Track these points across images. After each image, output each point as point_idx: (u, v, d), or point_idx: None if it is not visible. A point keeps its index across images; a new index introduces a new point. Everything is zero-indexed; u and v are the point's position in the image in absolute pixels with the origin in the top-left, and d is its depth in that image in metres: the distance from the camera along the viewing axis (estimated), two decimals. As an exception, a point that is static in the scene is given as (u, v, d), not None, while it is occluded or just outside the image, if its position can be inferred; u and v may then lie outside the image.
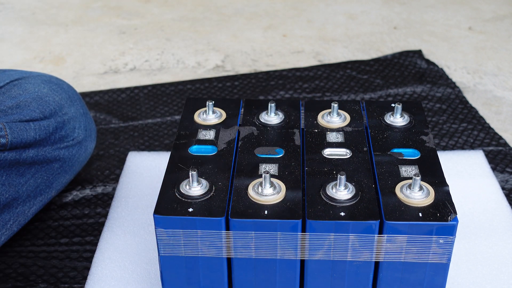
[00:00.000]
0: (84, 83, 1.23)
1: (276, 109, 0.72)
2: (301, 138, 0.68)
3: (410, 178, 0.61)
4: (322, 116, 0.71)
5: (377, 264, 0.59)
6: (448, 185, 0.60)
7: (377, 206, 0.58)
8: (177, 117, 1.08)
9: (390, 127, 0.69)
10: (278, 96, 1.16)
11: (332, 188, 0.59)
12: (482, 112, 1.10)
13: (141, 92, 1.17)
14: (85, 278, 0.76)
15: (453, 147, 1.00)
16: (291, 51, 1.35)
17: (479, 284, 0.73)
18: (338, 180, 0.59)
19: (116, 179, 0.93)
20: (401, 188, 0.60)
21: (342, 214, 0.57)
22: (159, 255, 0.60)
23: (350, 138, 0.67)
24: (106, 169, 0.96)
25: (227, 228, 0.58)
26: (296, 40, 1.40)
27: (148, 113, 1.11)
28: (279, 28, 1.46)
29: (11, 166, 0.77)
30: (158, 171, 0.93)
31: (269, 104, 0.71)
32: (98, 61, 1.32)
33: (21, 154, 0.78)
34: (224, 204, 0.58)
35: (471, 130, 1.04)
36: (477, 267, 0.75)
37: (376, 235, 0.57)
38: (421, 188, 0.59)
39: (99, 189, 0.92)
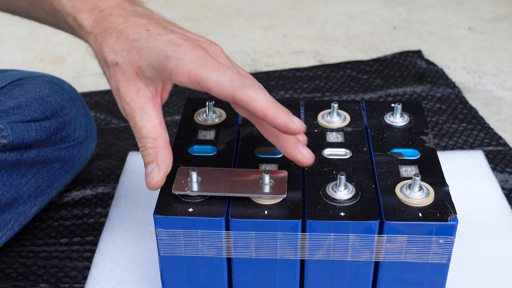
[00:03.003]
0: (84, 83, 1.23)
1: (276, 109, 0.72)
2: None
3: (410, 178, 0.61)
4: (322, 116, 0.71)
5: (377, 264, 0.59)
6: (448, 185, 0.60)
7: (377, 206, 0.58)
8: (177, 117, 1.08)
9: (390, 127, 0.69)
10: (278, 96, 1.16)
11: (332, 188, 0.59)
12: (482, 112, 1.10)
13: (141, 92, 1.17)
14: (85, 278, 0.76)
15: (453, 147, 1.00)
16: (291, 51, 1.35)
17: (479, 284, 0.73)
18: (338, 180, 0.59)
19: (116, 179, 0.93)
20: (401, 188, 0.60)
21: (342, 214, 0.57)
22: (159, 255, 0.60)
23: (350, 138, 0.68)
24: (106, 169, 0.96)
25: (227, 228, 0.58)
26: (296, 40, 1.40)
27: (148, 113, 1.10)
28: (279, 28, 1.46)
29: (12, 167, 0.77)
30: (158, 171, 0.93)
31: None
32: (98, 61, 1.32)
33: (22, 154, 0.78)
34: (224, 204, 0.58)
35: (471, 130, 1.04)
36: (477, 267, 0.75)
37: (376, 235, 0.57)
38: (421, 188, 0.59)
39: (99, 189, 0.92)
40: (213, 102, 0.71)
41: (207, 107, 0.71)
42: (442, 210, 0.57)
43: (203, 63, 0.55)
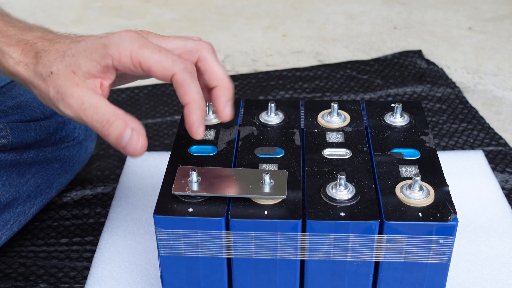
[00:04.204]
0: (84, 83, 1.23)
1: (276, 109, 0.72)
2: (301, 138, 0.68)
3: (410, 178, 0.61)
4: (322, 116, 0.71)
5: (377, 264, 0.59)
6: (448, 185, 0.60)
7: (377, 206, 0.58)
8: (177, 117, 1.08)
9: (390, 127, 0.69)
10: (278, 96, 1.16)
11: (332, 188, 0.59)
12: (482, 112, 1.10)
13: (141, 92, 1.18)
14: (85, 278, 0.76)
15: (453, 147, 1.00)
16: (291, 51, 1.35)
17: (479, 284, 0.73)
18: (338, 180, 0.59)
19: (116, 179, 0.93)
20: (401, 188, 0.60)
21: (342, 214, 0.57)
22: (159, 255, 0.60)
23: (350, 138, 0.67)
24: (106, 169, 0.96)
25: (227, 228, 0.58)
26: (296, 40, 1.40)
27: (148, 113, 1.11)
28: (279, 28, 1.46)
29: (11, 166, 0.77)
30: (158, 171, 0.93)
31: (269, 104, 0.71)
32: (98, 61, 1.32)
33: (21, 154, 0.78)
34: (224, 204, 0.58)
35: (471, 130, 1.04)
36: (477, 267, 0.75)
37: (376, 235, 0.57)
38: (421, 188, 0.59)
39: (99, 189, 0.92)
40: (213, 102, 0.71)
41: (207, 107, 0.71)
42: (442, 210, 0.57)
43: (143, 44, 0.56)
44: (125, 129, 0.55)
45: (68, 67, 0.56)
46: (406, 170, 0.63)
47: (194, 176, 0.58)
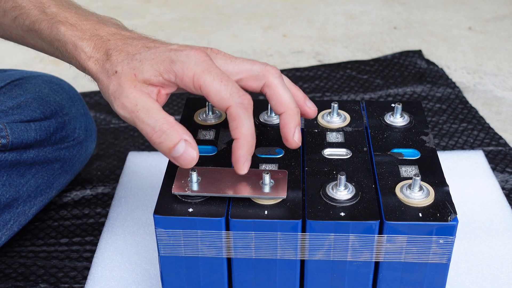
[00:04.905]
0: (84, 83, 1.22)
1: (276, 109, 0.72)
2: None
3: (410, 178, 0.61)
4: (322, 116, 0.71)
5: (377, 264, 0.59)
6: (448, 185, 0.60)
7: (377, 206, 0.58)
8: (177, 117, 1.08)
9: (390, 127, 0.69)
10: (278, 96, 1.16)
11: (332, 188, 0.59)
12: (482, 112, 1.10)
13: (141, 92, 1.17)
14: (85, 278, 0.76)
15: (453, 147, 1.00)
16: (291, 51, 1.35)
17: (479, 284, 0.73)
18: (338, 180, 0.59)
19: (116, 179, 0.93)
20: (401, 188, 0.60)
21: (342, 214, 0.57)
22: (159, 255, 0.60)
23: (350, 138, 0.67)
24: (106, 169, 0.96)
25: (227, 228, 0.58)
26: (296, 40, 1.40)
27: (148, 113, 1.10)
28: (279, 28, 1.46)
29: (11, 167, 0.77)
30: (158, 171, 0.93)
31: (269, 104, 0.71)
32: (98, 61, 1.32)
33: (21, 154, 0.78)
34: (224, 204, 0.58)
35: (471, 130, 1.04)
36: (477, 267, 0.75)
37: (376, 235, 0.57)
38: (421, 188, 0.59)
39: (99, 189, 0.92)
40: (213, 102, 0.71)
41: (207, 107, 0.71)
42: (442, 210, 0.57)
43: (207, 69, 0.57)
44: (179, 141, 0.56)
45: (132, 69, 0.57)
46: (406, 170, 0.63)
47: (194, 176, 0.58)
